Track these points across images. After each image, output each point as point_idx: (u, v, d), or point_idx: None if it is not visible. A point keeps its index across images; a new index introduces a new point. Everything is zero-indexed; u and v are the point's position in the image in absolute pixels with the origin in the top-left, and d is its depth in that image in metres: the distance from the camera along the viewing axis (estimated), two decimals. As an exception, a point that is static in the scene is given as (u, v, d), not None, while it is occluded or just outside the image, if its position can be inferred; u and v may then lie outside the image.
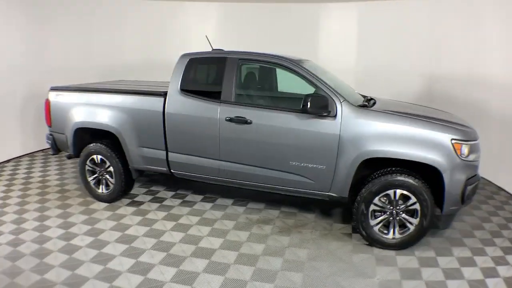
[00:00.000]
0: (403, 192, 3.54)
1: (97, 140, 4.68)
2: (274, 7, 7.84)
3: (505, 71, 5.17)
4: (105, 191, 4.71)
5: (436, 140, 3.44)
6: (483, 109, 5.59)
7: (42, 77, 6.52)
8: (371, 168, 3.74)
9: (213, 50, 4.58)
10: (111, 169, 4.60)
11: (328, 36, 7.96)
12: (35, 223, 4.15)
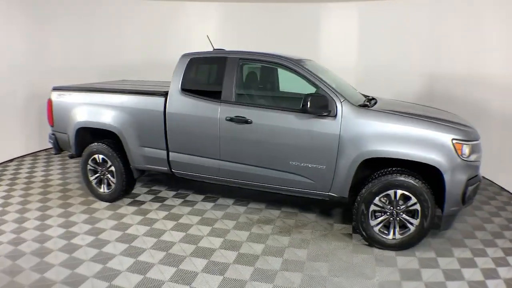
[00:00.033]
0: (403, 193, 3.51)
1: (99, 139, 4.71)
2: (274, 6, 7.83)
3: (505, 71, 5.14)
4: (106, 191, 4.73)
5: (436, 140, 3.42)
6: (483, 109, 5.56)
7: (43, 77, 6.56)
8: (371, 168, 3.73)
9: (214, 50, 4.58)
10: (113, 168, 4.61)
11: (328, 36, 7.95)
12: (37, 222, 4.17)
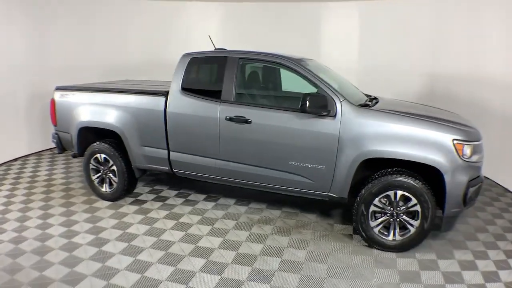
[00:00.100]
0: (403, 193, 3.48)
1: (101, 139, 4.74)
2: (275, 6, 7.83)
3: (506, 70, 5.09)
4: (108, 190, 4.76)
5: (437, 140, 3.38)
6: (484, 108, 5.50)
7: (44, 77, 6.61)
8: (371, 168, 3.70)
9: (215, 49, 4.58)
10: (115, 168, 4.64)
11: (328, 36, 7.91)
12: (38, 221, 4.21)
